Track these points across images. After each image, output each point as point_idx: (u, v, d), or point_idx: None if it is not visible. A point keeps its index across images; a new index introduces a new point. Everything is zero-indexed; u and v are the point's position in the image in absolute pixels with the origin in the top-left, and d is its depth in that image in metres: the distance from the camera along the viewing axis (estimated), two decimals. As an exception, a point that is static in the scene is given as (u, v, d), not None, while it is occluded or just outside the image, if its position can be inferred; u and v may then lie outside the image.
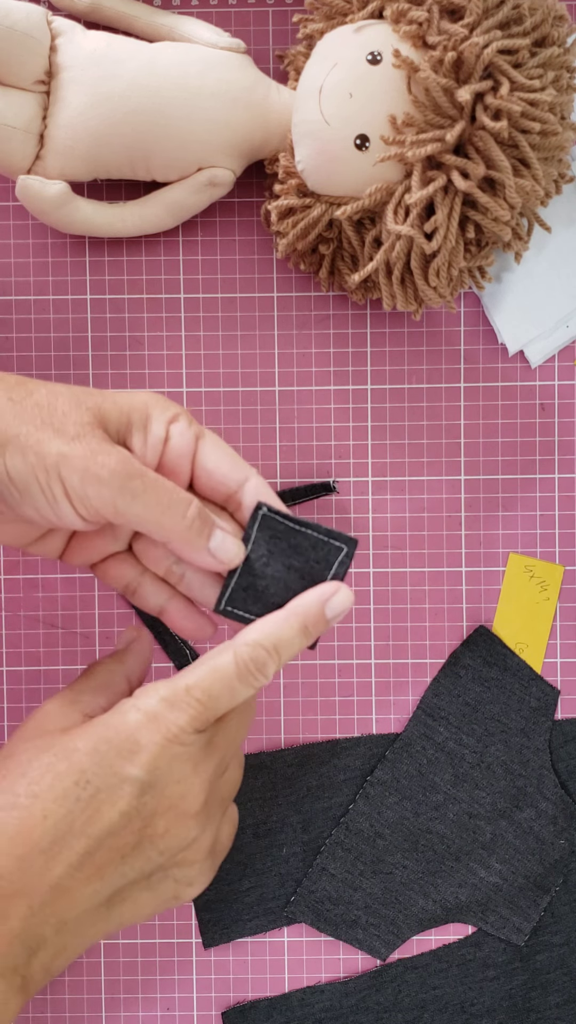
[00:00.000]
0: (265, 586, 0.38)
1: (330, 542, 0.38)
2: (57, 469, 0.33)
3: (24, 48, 0.43)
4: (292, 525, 0.38)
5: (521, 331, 0.49)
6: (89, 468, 0.33)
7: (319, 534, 0.38)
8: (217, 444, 0.37)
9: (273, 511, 0.38)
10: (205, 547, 0.36)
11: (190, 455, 0.37)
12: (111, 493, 0.33)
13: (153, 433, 0.36)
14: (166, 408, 0.36)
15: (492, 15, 0.41)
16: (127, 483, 0.34)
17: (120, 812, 0.34)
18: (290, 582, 0.38)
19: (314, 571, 0.38)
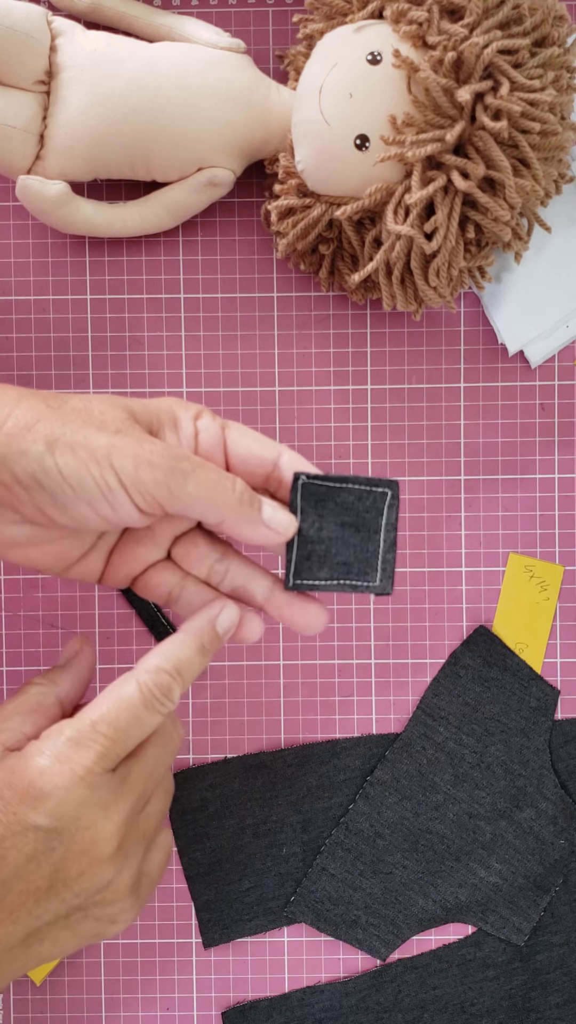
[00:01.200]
0: (325, 550, 0.38)
1: (373, 490, 0.38)
2: (108, 459, 0.33)
3: (24, 48, 0.43)
4: (333, 484, 0.38)
5: (521, 331, 0.49)
6: (139, 454, 0.34)
7: (360, 485, 0.38)
8: (243, 430, 0.38)
9: (311, 476, 0.37)
10: (259, 519, 0.36)
11: (221, 445, 0.37)
12: (164, 475, 0.34)
13: (183, 430, 0.37)
14: (189, 407, 0.37)
15: (492, 15, 0.41)
16: (177, 464, 0.34)
17: (27, 857, 0.34)
18: (348, 538, 0.38)
19: (367, 520, 0.38)
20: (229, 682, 0.51)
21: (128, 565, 0.39)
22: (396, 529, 0.38)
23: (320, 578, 0.38)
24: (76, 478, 0.33)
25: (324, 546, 0.38)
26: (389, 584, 0.38)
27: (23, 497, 0.34)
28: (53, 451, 0.33)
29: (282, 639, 0.51)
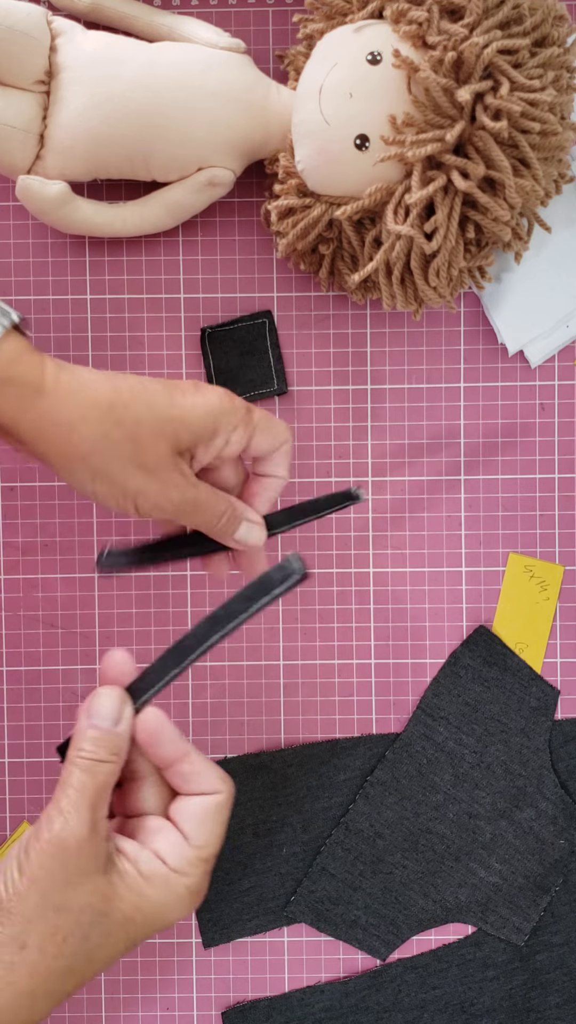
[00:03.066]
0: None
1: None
2: (134, 500, 0.40)
3: (24, 48, 0.43)
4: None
5: (521, 331, 0.49)
6: (159, 503, 0.40)
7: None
8: (263, 431, 0.42)
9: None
10: (231, 538, 0.43)
11: (241, 450, 0.43)
12: (169, 514, 0.41)
13: (216, 444, 0.42)
14: (230, 420, 0.41)
15: (492, 15, 0.41)
16: (182, 508, 0.41)
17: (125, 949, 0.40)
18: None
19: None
20: (229, 682, 0.51)
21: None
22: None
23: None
24: (104, 500, 0.41)
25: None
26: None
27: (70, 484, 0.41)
28: (95, 481, 0.40)
29: (282, 639, 0.51)
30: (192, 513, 0.42)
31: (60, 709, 0.51)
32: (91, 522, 0.51)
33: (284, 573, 0.39)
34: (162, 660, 0.39)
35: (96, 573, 0.50)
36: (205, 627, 0.39)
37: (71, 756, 0.38)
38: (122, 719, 0.39)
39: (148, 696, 0.39)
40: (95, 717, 0.38)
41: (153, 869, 0.38)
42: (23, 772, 0.51)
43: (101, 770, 0.38)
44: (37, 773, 0.51)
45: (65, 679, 0.51)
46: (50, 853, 0.36)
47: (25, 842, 0.38)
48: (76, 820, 0.37)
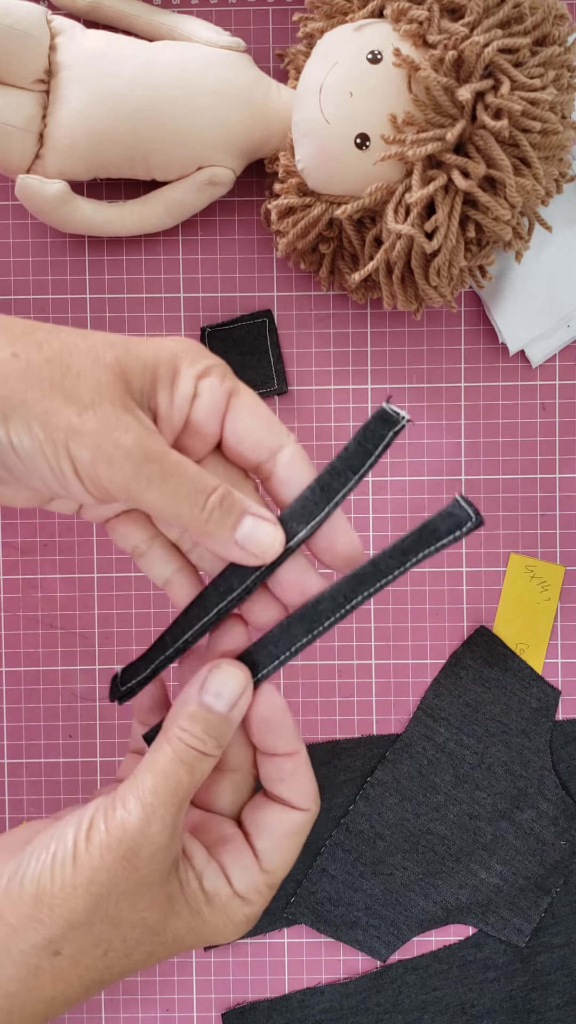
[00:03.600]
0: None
1: None
2: (66, 445, 0.29)
3: (23, 47, 0.43)
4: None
5: (522, 330, 0.49)
6: (101, 446, 0.29)
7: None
8: (252, 404, 0.33)
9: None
10: (231, 538, 0.31)
11: (220, 414, 0.32)
12: (124, 476, 0.29)
13: (180, 391, 0.31)
14: (196, 360, 0.32)
15: (493, 14, 0.41)
16: (142, 467, 0.30)
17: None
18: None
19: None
20: (229, 682, 0.51)
21: (101, 509, 0.35)
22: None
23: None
24: (29, 456, 0.29)
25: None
26: None
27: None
28: (7, 423, 0.29)
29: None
30: (161, 481, 0.30)
31: (59, 710, 0.51)
32: (91, 522, 0.51)
33: (453, 522, 0.31)
34: (287, 626, 0.33)
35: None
36: (346, 586, 0.32)
37: (170, 732, 0.31)
38: (239, 705, 0.32)
39: (269, 671, 0.33)
40: (211, 694, 0.32)
41: (217, 889, 0.33)
42: (22, 773, 0.51)
43: (202, 766, 0.31)
44: (36, 774, 0.51)
45: (65, 679, 0.51)
46: (118, 855, 0.30)
47: (89, 822, 0.31)
48: (159, 824, 0.30)
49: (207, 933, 0.33)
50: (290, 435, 0.33)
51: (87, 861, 0.30)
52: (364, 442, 0.32)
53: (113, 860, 0.30)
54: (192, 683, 0.32)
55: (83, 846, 0.30)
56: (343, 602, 0.32)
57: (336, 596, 0.32)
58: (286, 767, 0.34)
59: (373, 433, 0.32)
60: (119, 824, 0.30)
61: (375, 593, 0.32)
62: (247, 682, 0.32)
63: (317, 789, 0.34)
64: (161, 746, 0.31)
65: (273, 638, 0.33)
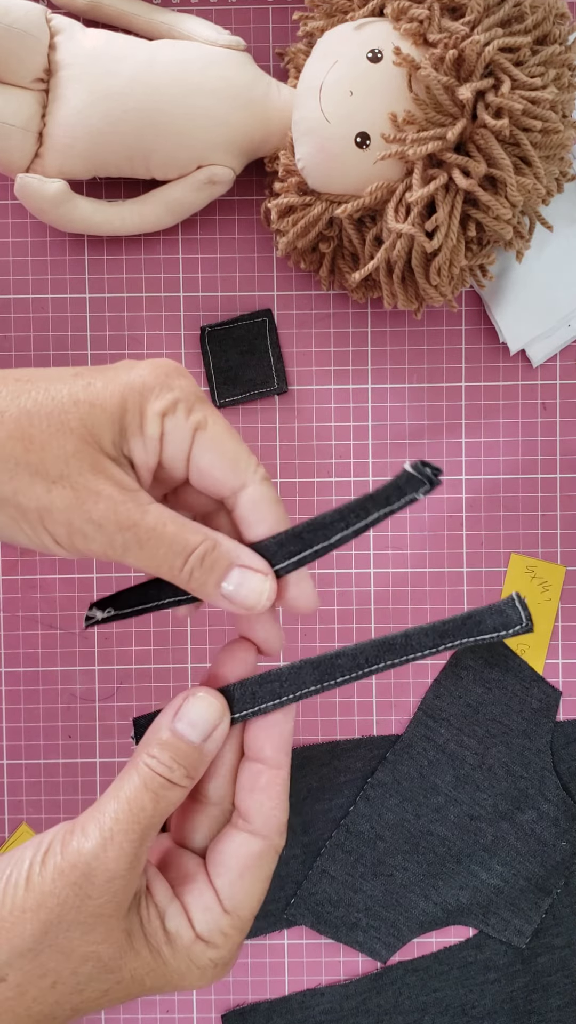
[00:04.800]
0: None
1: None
2: (41, 523, 0.29)
3: (23, 46, 0.43)
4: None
5: (523, 330, 0.49)
6: (73, 522, 0.29)
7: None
8: (217, 440, 0.31)
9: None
10: (216, 594, 0.31)
11: (185, 453, 0.31)
12: (100, 547, 0.30)
13: (148, 434, 0.31)
14: (162, 392, 0.31)
15: (493, 13, 0.40)
16: (116, 536, 0.29)
17: None
18: None
19: None
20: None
21: None
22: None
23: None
24: (10, 533, 0.30)
25: None
26: None
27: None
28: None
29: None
30: (137, 548, 0.29)
31: (59, 710, 0.51)
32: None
33: (501, 620, 0.30)
34: (298, 669, 0.32)
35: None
36: (371, 650, 0.32)
37: (137, 758, 0.31)
38: (213, 736, 0.31)
39: (268, 707, 0.32)
40: (184, 723, 0.31)
41: (179, 930, 0.31)
42: (22, 774, 0.51)
43: (168, 795, 0.30)
44: (36, 775, 0.51)
45: (64, 680, 0.51)
46: (70, 880, 0.29)
47: (47, 847, 0.30)
48: (115, 851, 0.29)
49: (170, 977, 0.31)
50: (256, 471, 0.32)
51: (38, 885, 0.29)
52: (371, 500, 0.31)
53: (64, 885, 0.29)
54: (166, 710, 0.32)
55: (37, 869, 0.29)
56: (363, 664, 0.31)
57: (358, 656, 0.31)
58: (261, 779, 0.32)
59: (387, 494, 0.31)
60: (74, 849, 0.29)
61: (399, 665, 0.31)
62: (223, 713, 0.32)
63: (285, 822, 0.32)
64: (128, 773, 0.30)
65: (280, 676, 0.32)
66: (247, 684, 0.32)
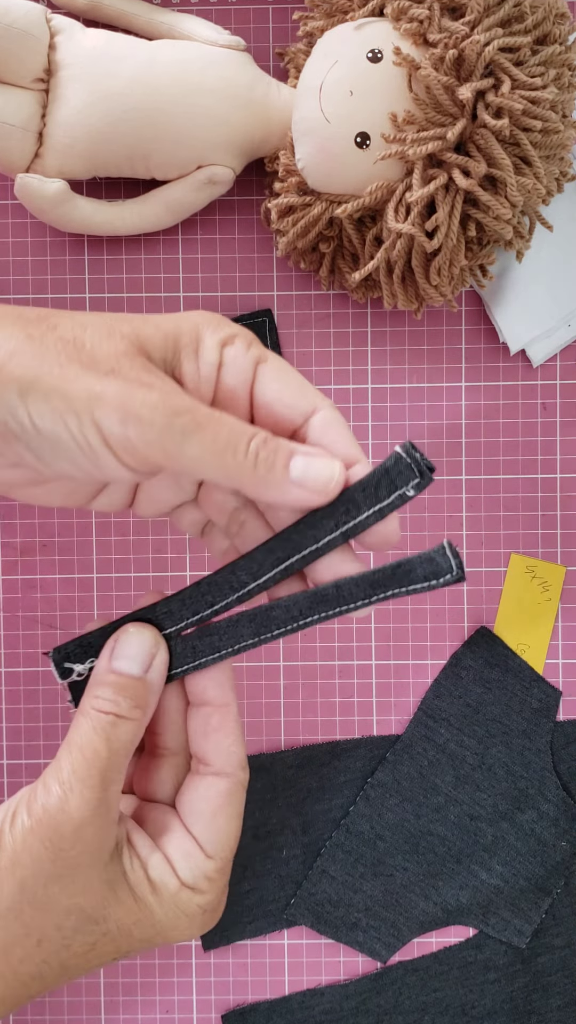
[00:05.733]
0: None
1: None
2: (90, 412, 0.27)
3: (23, 46, 0.43)
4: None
5: (523, 330, 0.49)
6: (127, 406, 0.27)
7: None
8: (281, 370, 0.31)
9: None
10: (287, 480, 0.29)
11: (248, 383, 0.30)
12: (157, 435, 0.27)
13: (205, 359, 0.30)
14: (218, 328, 0.30)
15: (493, 13, 0.40)
16: (174, 421, 0.27)
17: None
18: None
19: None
20: (229, 683, 0.51)
21: (155, 505, 0.34)
22: None
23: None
24: (53, 433, 0.28)
25: None
26: None
27: (3, 446, 0.29)
28: (26, 399, 0.27)
29: (282, 640, 0.51)
30: (196, 431, 0.28)
31: (59, 710, 0.51)
32: (90, 522, 0.51)
33: (432, 569, 0.29)
34: (235, 623, 0.31)
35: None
36: (304, 601, 0.31)
37: (83, 704, 0.31)
38: (153, 667, 0.31)
39: (207, 660, 0.31)
40: (120, 659, 0.31)
41: (163, 879, 0.31)
42: (22, 774, 0.51)
43: (119, 732, 0.30)
44: (36, 775, 0.51)
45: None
46: (40, 835, 0.29)
47: (14, 808, 0.30)
48: (78, 799, 0.29)
49: (159, 927, 0.31)
50: (325, 399, 0.31)
51: (9, 845, 0.29)
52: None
53: (35, 841, 0.29)
54: (102, 655, 0.31)
55: (7, 831, 0.30)
56: (297, 616, 0.31)
57: (291, 608, 0.31)
58: (212, 720, 0.32)
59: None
60: (39, 806, 0.29)
61: (332, 617, 0.30)
62: (156, 641, 0.31)
63: (245, 755, 0.33)
64: (76, 721, 0.30)
65: (219, 629, 0.32)
66: (188, 639, 0.32)
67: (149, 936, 0.31)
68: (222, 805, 0.32)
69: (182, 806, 0.33)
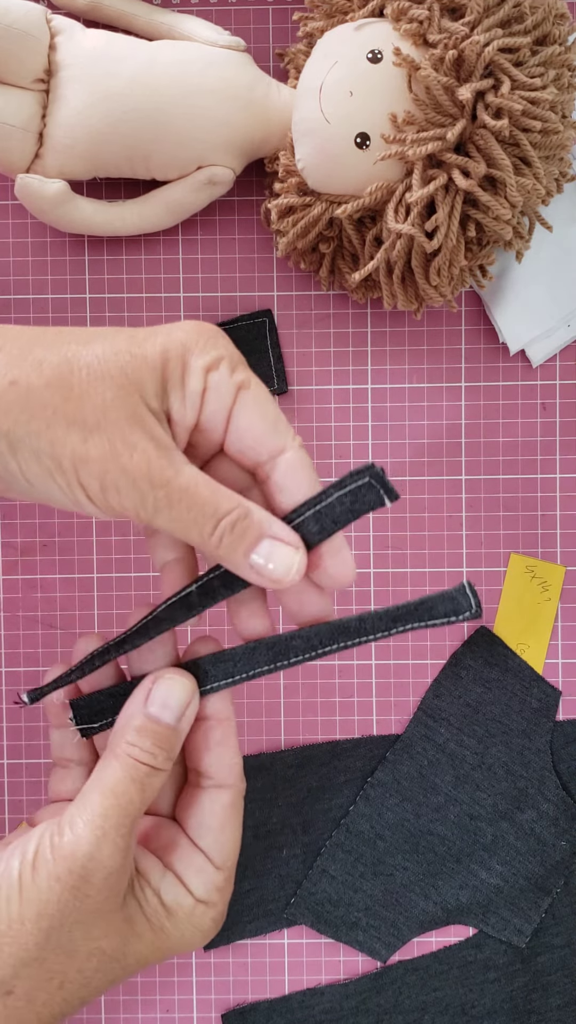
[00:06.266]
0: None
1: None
2: (75, 474, 0.29)
3: (23, 46, 0.43)
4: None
5: (522, 330, 0.49)
6: (108, 474, 0.28)
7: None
8: (259, 401, 0.31)
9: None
10: (244, 564, 0.30)
11: (227, 409, 0.31)
12: (132, 503, 0.29)
13: (190, 388, 0.30)
14: (205, 350, 0.31)
15: (493, 13, 0.40)
16: (148, 494, 0.29)
17: None
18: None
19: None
20: (229, 683, 0.51)
21: None
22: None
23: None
24: (43, 485, 0.29)
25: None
26: None
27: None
28: (16, 455, 0.28)
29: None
30: (167, 508, 0.29)
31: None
32: (90, 522, 0.51)
33: (452, 607, 0.31)
34: (252, 650, 0.32)
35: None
36: (324, 632, 0.32)
37: (118, 748, 0.30)
38: (186, 716, 0.31)
39: (220, 686, 0.32)
40: (157, 705, 0.31)
41: (178, 900, 0.31)
42: (22, 774, 0.51)
43: (153, 782, 0.30)
44: (37, 775, 0.51)
45: (64, 680, 0.51)
46: (68, 884, 0.29)
47: (35, 851, 0.29)
48: (110, 848, 0.29)
49: (173, 945, 0.32)
50: (296, 438, 0.32)
51: (35, 893, 0.29)
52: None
53: (63, 890, 0.29)
54: (136, 695, 0.32)
55: (29, 877, 0.29)
56: (316, 646, 0.32)
57: (311, 639, 0.32)
58: (214, 734, 0.33)
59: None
60: (68, 851, 0.29)
61: (351, 647, 0.31)
62: (193, 691, 0.32)
63: (242, 767, 0.33)
64: (109, 763, 0.30)
65: (234, 656, 0.32)
66: (200, 664, 0.33)
67: (162, 957, 0.32)
68: (228, 817, 0.33)
69: (187, 820, 0.33)
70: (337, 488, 0.32)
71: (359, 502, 0.31)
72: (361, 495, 0.31)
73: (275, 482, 0.32)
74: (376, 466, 0.31)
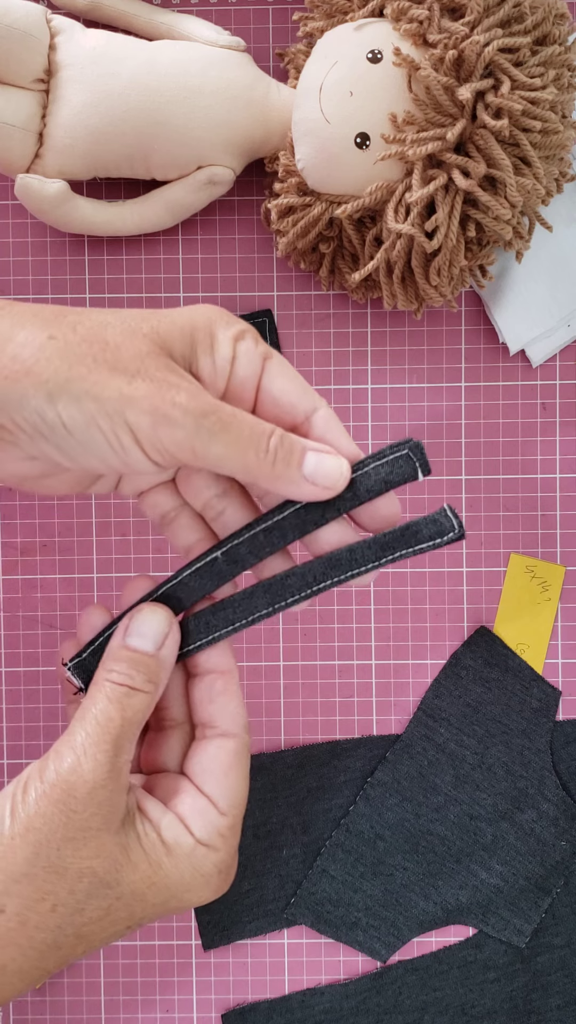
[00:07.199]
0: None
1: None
2: (122, 414, 0.29)
3: (23, 46, 0.43)
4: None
5: (522, 330, 0.49)
6: (159, 408, 0.29)
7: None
8: (285, 367, 0.33)
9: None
10: (299, 476, 0.31)
11: (256, 377, 0.32)
12: (186, 435, 0.29)
13: (220, 353, 0.31)
14: (230, 323, 0.32)
15: (493, 13, 0.40)
16: (202, 421, 0.29)
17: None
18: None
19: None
20: (229, 683, 0.51)
21: (135, 482, 0.36)
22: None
23: None
24: (84, 433, 0.29)
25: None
26: None
27: (27, 442, 0.30)
28: (55, 402, 0.28)
29: (282, 639, 0.51)
30: (222, 431, 0.30)
31: (60, 710, 0.51)
32: (91, 522, 0.51)
33: (436, 529, 0.31)
34: (249, 595, 0.33)
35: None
36: (318, 567, 0.32)
37: (98, 677, 0.32)
38: (166, 643, 0.32)
39: (222, 634, 0.33)
40: (134, 636, 0.32)
41: (177, 838, 0.32)
42: (22, 773, 0.51)
43: (133, 702, 0.31)
44: (36, 774, 0.51)
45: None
46: (54, 798, 0.30)
47: (25, 779, 0.31)
48: (92, 762, 0.30)
49: (174, 890, 0.32)
50: (322, 399, 0.33)
51: (23, 811, 0.30)
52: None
53: (48, 804, 0.30)
54: (116, 632, 0.33)
55: (20, 799, 0.30)
56: (312, 582, 0.32)
57: (306, 575, 0.32)
58: (216, 685, 0.34)
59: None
60: (51, 771, 0.30)
61: (345, 581, 0.32)
62: (170, 620, 0.33)
63: (247, 717, 0.34)
64: (91, 695, 0.32)
65: (233, 603, 0.33)
66: (201, 615, 0.33)
67: (164, 900, 0.32)
68: (232, 763, 0.33)
69: (191, 768, 0.34)
70: (375, 459, 0.33)
71: (394, 473, 0.32)
72: (398, 466, 0.32)
73: (316, 438, 0.33)
74: (415, 440, 0.32)
